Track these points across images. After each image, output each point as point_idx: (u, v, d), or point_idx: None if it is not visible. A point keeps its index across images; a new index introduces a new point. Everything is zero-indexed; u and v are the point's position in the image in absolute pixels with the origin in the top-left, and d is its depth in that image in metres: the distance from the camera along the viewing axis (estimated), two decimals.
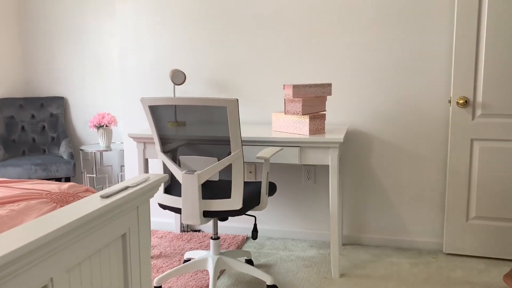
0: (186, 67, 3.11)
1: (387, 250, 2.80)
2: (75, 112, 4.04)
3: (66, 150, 3.75)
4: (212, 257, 2.31)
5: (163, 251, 2.84)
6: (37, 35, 4.04)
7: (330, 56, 2.84)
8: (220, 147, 2.08)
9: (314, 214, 3.02)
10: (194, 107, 2.03)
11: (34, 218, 1.33)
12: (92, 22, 3.88)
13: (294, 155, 2.41)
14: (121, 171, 3.91)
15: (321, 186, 2.98)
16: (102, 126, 3.61)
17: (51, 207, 1.42)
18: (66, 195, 1.51)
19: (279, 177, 3.04)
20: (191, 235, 3.10)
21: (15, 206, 1.35)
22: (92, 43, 3.91)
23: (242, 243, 2.98)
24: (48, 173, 3.56)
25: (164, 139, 2.20)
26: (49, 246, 1.02)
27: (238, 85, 3.04)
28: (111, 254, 1.31)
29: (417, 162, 2.79)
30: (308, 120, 2.40)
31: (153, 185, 1.47)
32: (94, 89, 3.97)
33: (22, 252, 0.92)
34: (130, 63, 3.22)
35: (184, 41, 3.09)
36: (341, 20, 2.79)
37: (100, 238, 1.23)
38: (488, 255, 2.65)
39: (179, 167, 2.13)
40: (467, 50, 2.53)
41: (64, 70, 4.01)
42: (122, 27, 3.20)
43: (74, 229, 1.10)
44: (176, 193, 2.18)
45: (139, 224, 1.45)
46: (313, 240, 3.02)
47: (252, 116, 3.04)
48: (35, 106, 3.98)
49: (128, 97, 3.26)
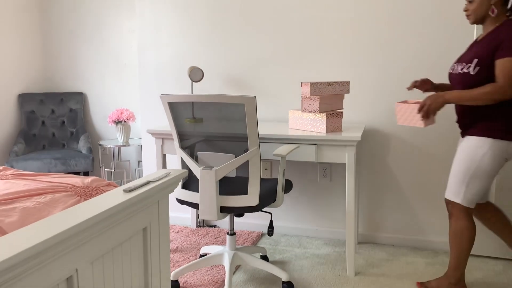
0: (204, 64, 3.13)
1: (403, 249, 2.79)
2: (94, 108, 4.11)
3: (85, 145, 3.82)
4: (228, 252, 2.34)
5: (179, 245, 2.88)
6: (57, 31, 4.11)
7: (349, 53, 2.83)
8: (237, 144, 2.10)
9: (330, 212, 3.02)
10: (212, 104, 2.05)
11: (60, 210, 1.37)
12: (112, 18, 3.94)
13: (311, 153, 2.42)
14: (138, 166, 3.97)
15: (337, 184, 2.98)
16: (120, 121, 3.66)
17: (76, 200, 1.46)
18: (90, 189, 1.55)
19: (295, 175, 3.05)
20: (207, 230, 3.13)
21: (41, 198, 1.40)
22: (111, 39, 3.96)
23: (257, 239, 3.00)
24: (67, 167, 3.63)
25: (182, 135, 2.22)
26: (75, 238, 1.05)
27: (255, 83, 3.05)
28: (132, 247, 1.34)
29: (435, 161, 2.77)
30: (325, 118, 2.40)
31: (173, 180, 1.50)
32: (113, 85, 4.03)
33: (50, 243, 0.95)
34: (149, 60, 3.26)
35: (202, 38, 3.12)
36: (361, 16, 2.78)
37: (123, 231, 1.26)
38: (506, 257, 2.62)
39: (197, 163, 2.16)
40: None
41: (83, 66, 4.08)
42: (141, 24, 3.24)
43: (98, 222, 1.13)
44: (194, 189, 2.21)
45: (160, 218, 1.48)
46: (328, 238, 3.02)
47: (268, 114, 3.05)
48: (55, 101, 4.06)
49: (147, 93, 3.30)
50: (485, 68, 1.95)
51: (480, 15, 2.02)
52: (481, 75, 1.96)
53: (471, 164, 2.01)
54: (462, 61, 2.07)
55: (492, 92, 1.90)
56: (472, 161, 2.01)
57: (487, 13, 2.00)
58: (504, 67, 1.88)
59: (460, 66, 2.06)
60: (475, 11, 2.02)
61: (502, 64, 1.89)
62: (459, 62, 2.10)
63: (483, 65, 1.95)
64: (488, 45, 1.95)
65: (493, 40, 1.95)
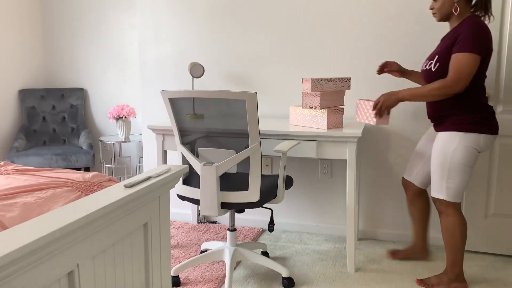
0: (204, 60, 3.13)
1: (403, 246, 2.79)
2: (95, 104, 4.11)
3: (85, 141, 3.82)
4: (228, 248, 2.34)
5: (180, 241, 2.89)
6: (58, 27, 4.11)
7: (350, 50, 2.83)
8: (238, 140, 2.10)
9: (330, 208, 3.02)
10: (213, 100, 2.05)
11: (61, 205, 1.37)
12: (113, 14, 3.93)
13: (311, 149, 2.42)
14: (139, 162, 3.97)
15: (338, 180, 2.98)
16: (121, 117, 3.66)
17: (77, 196, 1.46)
18: (90, 184, 1.55)
19: (295, 171, 3.05)
20: (207, 226, 3.14)
21: (42, 193, 1.40)
22: (112, 35, 3.96)
23: (258, 235, 3.01)
24: (68, 163, 3.63)
25: (183, 131, 2.22)
26: (76, 233, 1.05)
27: (256, 79, 3.05)
28: (133, 242, 1.34)
29: None
30: (326, 114, 2.40)
31: (174, 176, 1.50)
32: (114, 81, 4.02)
33: (51, 238, 0.95)
34: (150, 56, 3.26)
35: (203, 34, 3.11)
36: (363, 12, 2.77)
37: (123, 227, 1.27)
38: (506, 253, 2.63)
39: (197, 159, 2.16)
40: None
41: (84, 62, 4.07)
42: (142, 20, 3.23)
43: (99, 217, 1.13)
44: (195, 185, 2.21)
45: (160, 214, 1.48)
46: (328, 234, 3.03)
47: (269, 110, 3.05)
48: (56, 97, 4.06)
49: (147, 89, 3.30)
50: (445, 64, 2.01)
51: (444, 13, 2.08)
52: (440, 71, 2.03)
53: (445, 159, 2.08)
54: (428, 58, 2.16)
55: (440, 88, 1.98)
56: (445, 157, 2.08)
57: (450, 11, 2.07)
58: (456, 62, 1.96)
59: (425, 63, 2.15)
60: (440, 9, 2.09)
61: (454, 59, 1.97)
62: (427, 59, 2.18)
63: (443, 61, 2.02)
64: (448, 41, 2.03)
65: (452, 37, 2.03)
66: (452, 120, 2.08)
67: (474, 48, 1.94)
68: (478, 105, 2.06)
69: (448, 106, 2.08)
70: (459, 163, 2.06)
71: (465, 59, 1.94)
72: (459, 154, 2.05)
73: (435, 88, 1.99)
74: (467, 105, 2.05)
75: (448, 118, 2.10)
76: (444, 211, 2.14)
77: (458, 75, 1.95)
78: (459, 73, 1.95)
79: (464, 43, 1.95)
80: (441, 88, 1.98)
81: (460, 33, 1.98)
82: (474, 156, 2.07)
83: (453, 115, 2.08)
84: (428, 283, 2.24)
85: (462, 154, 2.05)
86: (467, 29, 1.97)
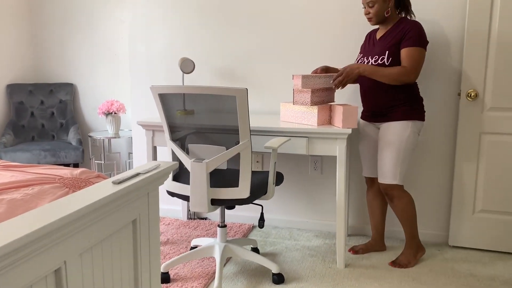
0: (195, 56, 3.11)
1: (392, 242, 2.82)
2: (84, 99, 4.07)
3: (74, 137, 3.79)
4: (219, 244, 2.34)
5: (170, 237, 2.88)
6: (47, 21, 4.05)
7: (340, 46, 2.83)
8: (229, 136, 2.09)
9: (320, 204, 3.03)
10: (204, 96, 2.04)
11: (48, 202, 1.36)
12: (103, 8, 3.89)
13: (302, 146, 2.42)
14: (129, 158, 3.95)
15: (328, 176, 2.99)
16: (110, 113, 3.63)
17: (64, 192, 1.45)
18: (78, 181, 1.54)
19: (286, 167, 3.06)
20: (197, 223, 3.13)
21: (29, 190, 1.38)
22: (102, 30, 3.92)
23: (248, 231, 3.01)
24: (57, 159, 3.60)
25: (173, 127, 2.21)
26: (63, 229, 1.04)
27: (246, 75, 3.04)
28: (122, 239, 1.33)
29: (424, 154, 2.79)
30: (316, 110, 2.40)
31: (163, 172, 1.49)
32: (104, 76, 3.99)
33: (38, 235, 0.94)
34: (140, 51, 3.23)
35: (194, 30, 3.09)
36: (353, 8, 2.77)
37: (112, 224, 1.26)
38: (494, 249, 2.66)
39: (187, 155, 2.15)
40: (478, 42, 2.51)
41: (73, 56, 4.03)
42: (132, 15, 3.20)
43: (87, 214, 1.12)
44: (185, 181, 2.20)
45: (149, 210, 1.47)
46: (318, 230, 3.04)
47: (260, 106, 3.04)
48: (45, 92, 4.01)
49: (137, 85, 3.28)
50: (396, 58, 2.31)
51: (381, 17, 2.36)
52: (394, 65, 2.30)
53: (399, 146, 2.34)
54: (372, 55, 2.38)
55: (400, 74, 2.26)
56: (400, 144, 2.34)
57: (384, 15, 2.35)
58: (409, 55, 2.26)
59: (372, 59, 2.38)
60: (377, 14, 2.35)
61: (407, 52, 2.27)
62: (367, 56, 2.42)
63: (394, 56, 2.30)
64: (395, 39, 2.31)
65: (397, 34, 2.32)
66: (402, 110, 2.35)
67: (422, 43, 2.28)
68: (418, 95, 2.42)
69: (397, 97, 2.35)
70: (411, 149, 2.37)
71: (417, 52, 2.26)
72: (411, 141, 2.35)
73: (395, 73, 2.26)
74: (411, 95, 2.36)
75: (397, 108, 2.36)
76: (397, 194, 2.40)
77: (415, 66, 2.25)
78: (415, 64, 2.26)
79: (414, 39, 2.26)
80: (401, 74, 2.26)
81: (407, 31, 2.28)
82: (417, 140, 2.42)
83: (401, 105, 2.35)
84: (400, 262, 2.46)
85: (412, 140, 2.36)
86: (413, 27, 2.28)
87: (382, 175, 2.40)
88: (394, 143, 2.34)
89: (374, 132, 2.52)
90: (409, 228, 2.44)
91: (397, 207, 2.42)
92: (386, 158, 2.37)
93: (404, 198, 2.40)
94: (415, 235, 2.47)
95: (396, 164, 2.35)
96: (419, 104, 2.41)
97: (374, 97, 2.43)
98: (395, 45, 2.31)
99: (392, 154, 2.35)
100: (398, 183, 2.37)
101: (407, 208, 2.41)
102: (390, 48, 2.31)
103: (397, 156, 2.34)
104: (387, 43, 2.34)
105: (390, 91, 2.35)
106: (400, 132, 2.34)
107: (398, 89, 2.34)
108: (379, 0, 2.32)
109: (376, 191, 2.62)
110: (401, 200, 2.40)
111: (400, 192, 2.39)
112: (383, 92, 2.37)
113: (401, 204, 2.40)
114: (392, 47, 2.31)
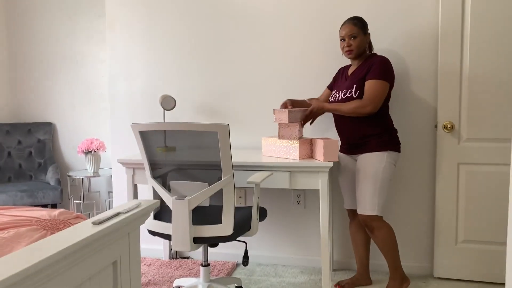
0: (175, 92, 3.13)
1: (378, 275, 2.79)
2: (63, 138, 4.02)
3: (53, 176, 3.70)
4: (202, 284, 2.28)
5: (151, 278, 2.79)
6: (25, 60, 4.04)
7: (317, 81, 2.88)
8: (211, 172, 2.08)
9: (305, 239, 3.00)
10: (185, 132, 2.04)
11: (24, 245, 1.31)
12: (82, 48, 3.91)
13: (284, 180, 2.42)
14: (109, 197, 3.87)
15: (311, 211, 2.98)
16: (90, 151, 3.58)
17: (42, 234, 1.40)
18: (57, 222, 1.49)
19: (269, 202, 3.04)
20: (180, 262, 3.05)
21: (4, 233, 1.33)
22: (82, 69, 3.92)
23: (232, 269, 2.94)
24: (35, 200, 3.50)
25: (154, 165, 2.19)
26: (40, 274, 1.00)
27: (227, 111, 3.06)
28: (101, 282, 1.28)
29: (405, 186, 2.81)
30: (297, 144, 2.42)
31: (144, 211, 1.46)
32: (83, 115, 3.96)
33: (12, 281, 0.90)
34: (120, 89, 3.23)
35: (174, 67, 3.13)
36: (329, 47, 2.85)
37: (92, 265, 1.21)
38: (478, 279, 2.66)
39: (169, 192, 2.12)
40: (451, 76, 2.60)
41: (53, 95, 4.00)
42: (112, 54, 3.23)
43: (66, 257, 1.08)
44: (166, 219, 2.16)
45: (130, 251, 1.43)
46: (303, 266, 2.99)
47: (241, 141, 3.05)
48: (22, 131, 3.95)
49: (118, 123, 3.26)
50: (363, 90, 2.39)
51: (361, 50, 2.45)
52: (360, 96, 2.39)
53: (376, 177, 2.37)
54: (342, 89, 2.48)
55: (356, 107, 2.34)
56: (376, 175, 2.37)
57: (365, 48, 2.48)
58: (370, 87, 2.35)
59: (341, 92, 2.47)
60: (358, 46, 2.43)
61: (368, 84, 2.36)
62: (338, 90, 2.52)
63: (361, 89, 2.39)
64: (362, 73, 2.41)
65: (365, 69, 2.41)
66: (376, 141, 2.40)
67: (385, 77, 2.35)
68: (391, 126, 2.49)
69: (370, 129, 2.40)
70: (388, 179, 2.40)
71: (378, 85, 2.34)
72: (387, 171, 2.39)
73: (353, 107, 2.35)
74: (384, 126, 2.43)
75: (371, 139, 2.41)
76: (376, 225, 2.41)
77: (372, 97, 2.32)
78: (373, 95, 2.33)
79: (376, 72, 2.35)
80: (358, 107, 2.33)
81: (372, 65, 2.38)
82: (394, 171, 2.47)
83: (375, 137, 2.40)
84: None
85: (389, 171, 2.40)
86: (378, 62, 2.38)
87: (361, 207, 2.42)
88: (371, 174, 2.37)
89: (352, 164, 2.55)
90: (391, 259, 2.45)
91: (378, 238, 2.43)
92: (364, 189, 2.39)
93: (384, 228, 2.42)
94: (398, 266, 2.47)
95: (374, 195, 2.37)
96: (393, 135, 2.47)
97: (348, 129, 2.49)
98: (362, 78, 2.39)
99: (369, 185, 2.37)
100: (377, 214, 2.39)
101: (387, 239, 2.42)
102: (357, 82, 2.40)
103: (374, 187, 2.37)
104: (355, 77, 2.44)
105: (362, 123, 2.40)
106: (376, 163, 2.38)
107: (369, 121, 2.39)
108: (360, 34, 2.41)
109: (358, 223, 2.62)
110: (381, 230, 2.42)
111: (379, 223, 2.41)
112: (355, 124, 2.42)
113: (381, 235, 2.42)
114: (359, 81, 2.40)
